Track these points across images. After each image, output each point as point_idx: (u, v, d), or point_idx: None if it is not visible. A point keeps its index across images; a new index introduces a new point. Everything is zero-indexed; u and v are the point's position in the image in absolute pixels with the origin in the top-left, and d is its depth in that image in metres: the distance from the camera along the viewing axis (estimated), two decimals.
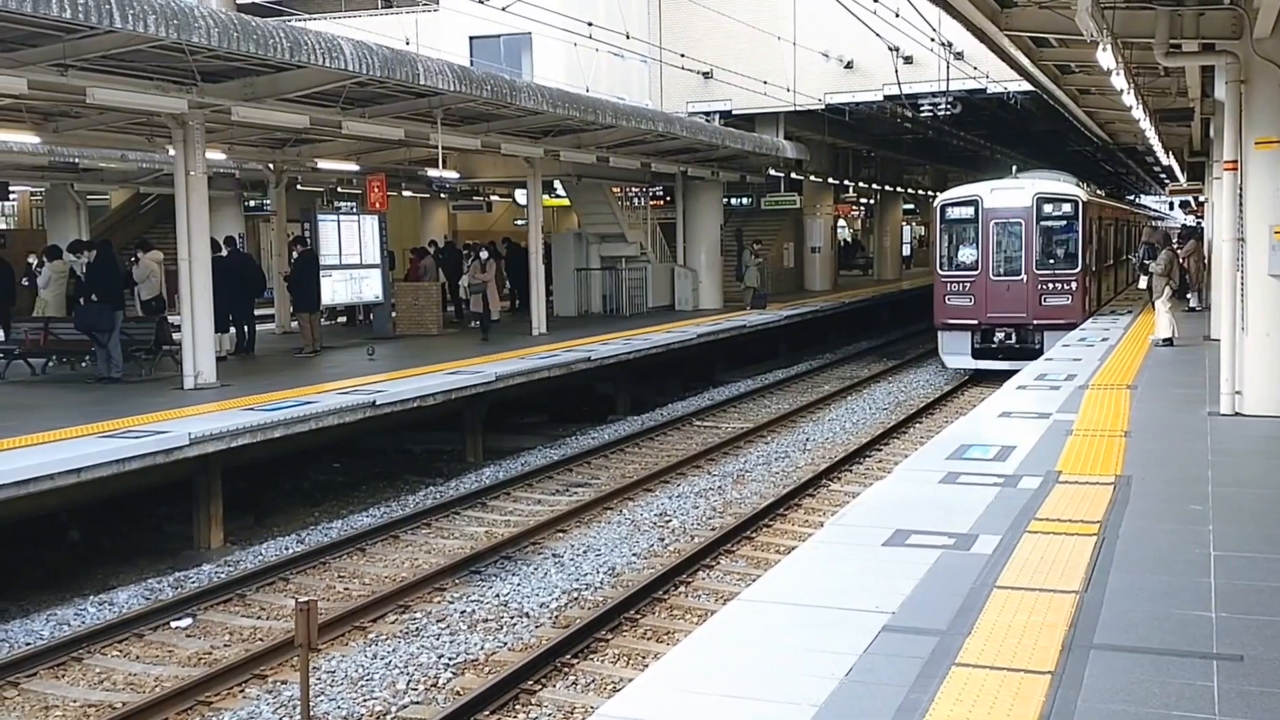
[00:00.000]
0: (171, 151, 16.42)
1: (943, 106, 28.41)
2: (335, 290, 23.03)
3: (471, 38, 32.33)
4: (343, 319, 28.61)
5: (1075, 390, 14.48)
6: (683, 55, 28.92)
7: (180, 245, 15.96)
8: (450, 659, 9.50)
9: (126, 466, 11.74)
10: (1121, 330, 21.85)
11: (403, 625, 10.40)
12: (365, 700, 8.80)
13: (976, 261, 23.33)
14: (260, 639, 10.22)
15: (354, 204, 29.57)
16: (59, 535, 13.46)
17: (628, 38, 25.65)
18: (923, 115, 30.40)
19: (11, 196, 37.34)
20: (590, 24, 22.43)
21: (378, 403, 14.96)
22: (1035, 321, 23.04)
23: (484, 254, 24.37)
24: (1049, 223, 23.19)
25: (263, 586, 11.68)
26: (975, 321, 23.42)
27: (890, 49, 27.44)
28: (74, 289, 19.94)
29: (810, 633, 6.11)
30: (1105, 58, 11.77)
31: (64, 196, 30.37)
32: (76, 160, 24.91)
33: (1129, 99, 16.21)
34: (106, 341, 16.89)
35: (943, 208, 24.09)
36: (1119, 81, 13.96)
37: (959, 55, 26.99)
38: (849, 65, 30.26)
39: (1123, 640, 5.90)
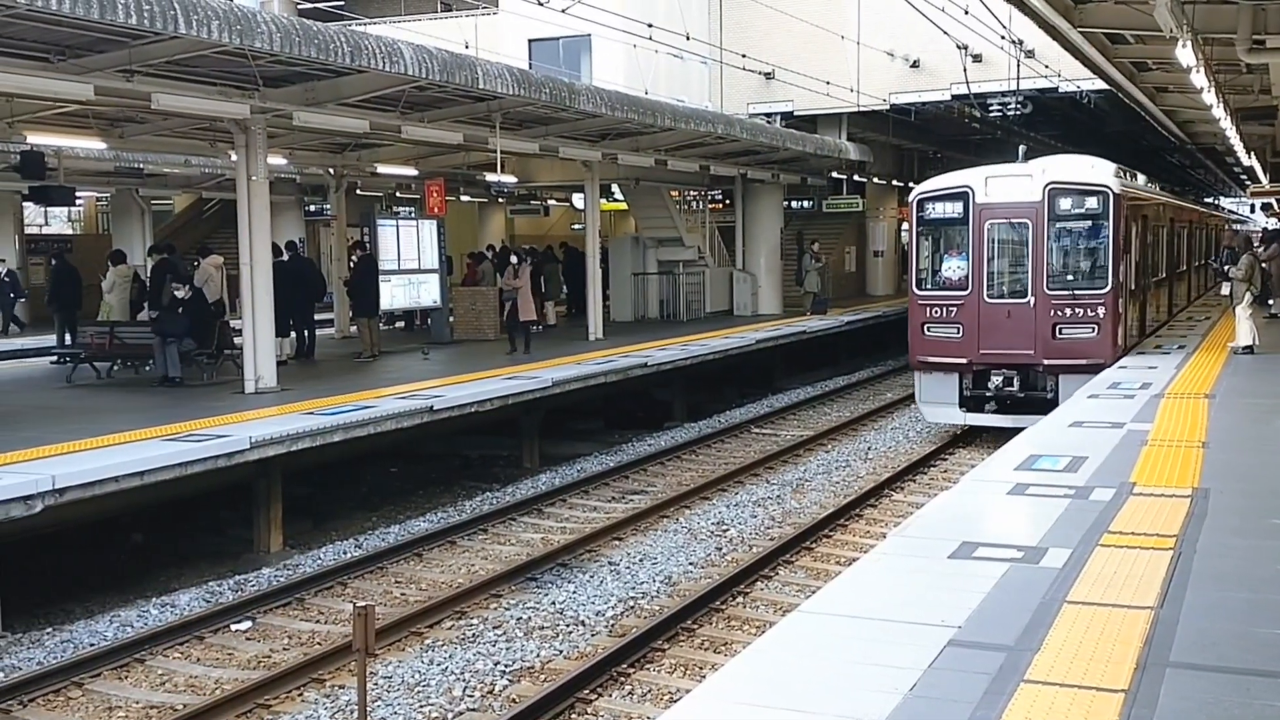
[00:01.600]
0: (233, 156, 16.55)
1: (1013, 106, 27.71)
2: (394, 295, 23.11)
3: (531, 40, 32.36)
4: (400, 324, 28.73)
5: (1151, 399, 14.03)
6: (744, 56, 28.68)
7: (241, 250, 16.06)
8: (506, 666, 9.45)
9: (188, 470, 11.81)
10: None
11: (459, 631, 10.36)
12: (422, 706, 8.77)
13: (966, 278, 17.50)
14: (318, 643, 10.23)
15: (413, 209, 29.73)
16: (123, 538, 13.59)
17: (688, 38, 25.50)
18: (992, 115, 29.88)
19: (78, 202, 37.96)
20: (650, 25, 22.30)
21: (435, 408, 14.95)
22: (1046, 362, 17.04)
23: (514, 258, 22.88)
24: (1068, 223, 17.27)
25: (321, 590, 11.70)
26: (964, 361, 17.47)
27: (958, 47, 26.97)
28: (137, 293, 20.16)
29: (872, 646, 5.96)
30: (1185, 54, 11.45)
31: (129, 202, 30.82)
32: (141, 166, 25.24)
33: (1209, 97, 15.80)
34: (179, 346, 17.06)
35: (920, 203, 18.05)
36: (1199, 79, 13.59)
37: (1030, 53, 26.35)
38: (915, 64, 29.85)
39: (1201, 659, 5.69)
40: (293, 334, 20.69)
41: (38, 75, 12.99)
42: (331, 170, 24.58)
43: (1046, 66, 26.28)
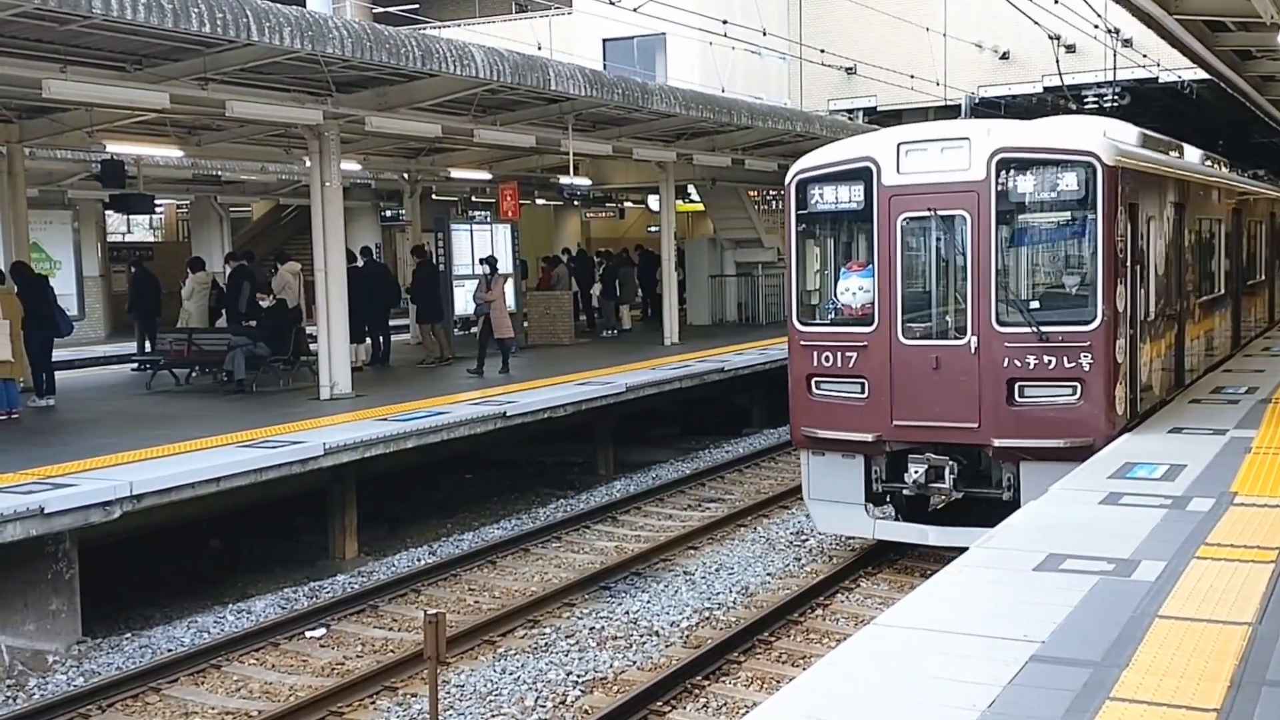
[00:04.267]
0: (308, 163, 16.65)
1: (1109, 98, 26.81)
2: (468, 300, 23.14)
3: (605, 40, 32.29)
4: (475, 329, 28.79)
5: (1257, 404, 13.29)
6: (823, 51, 28.28)
7: (316, 256, 16.14)
8: (579, 676, 9.36)
9: (263, 476, 11.85)
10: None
11: (532, 640, 10.29)
12: (493, 715, 8.74)
13: (870, 305, 11.39)
14: (391, 650, 10.24)
15: (488, 213, 29.84)
16: (201, 543, 13.71)
17: (764, 34, 25.19)
18: (1087, 108, 29.15)
19: (159, 210, 38.64)
20: (725, 22, 22.08)
21: (508, 414, 14.90)
22: (998, 441, 10.85)
23: (487, 268, 19.65)
24: (1030, 216, 11.05)
25: (395, 598, 11.70)
26: (869, 437, 11.33)
27: (1050, 37, 26.25)
28: (215, 300, 20.39)
29: (951, 661, 5.75)
30: None
31: (207, 209, 31.29)
32: (219, 173, 25.58)
33: None
34: (255, 350, 17.23)
35: (800, 186, 11.84)
36: None
37: (1127, 42, 25.53)
38: (1004, 56, 29.26)
39: None
40: (368, 340, 20.79)
41: (115, 84, 13.16)
42: (406, 175, 24.72)
43: (1145, 56, 25.38)
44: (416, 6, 34.44)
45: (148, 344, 20.65)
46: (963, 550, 7.93)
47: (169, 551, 13.17)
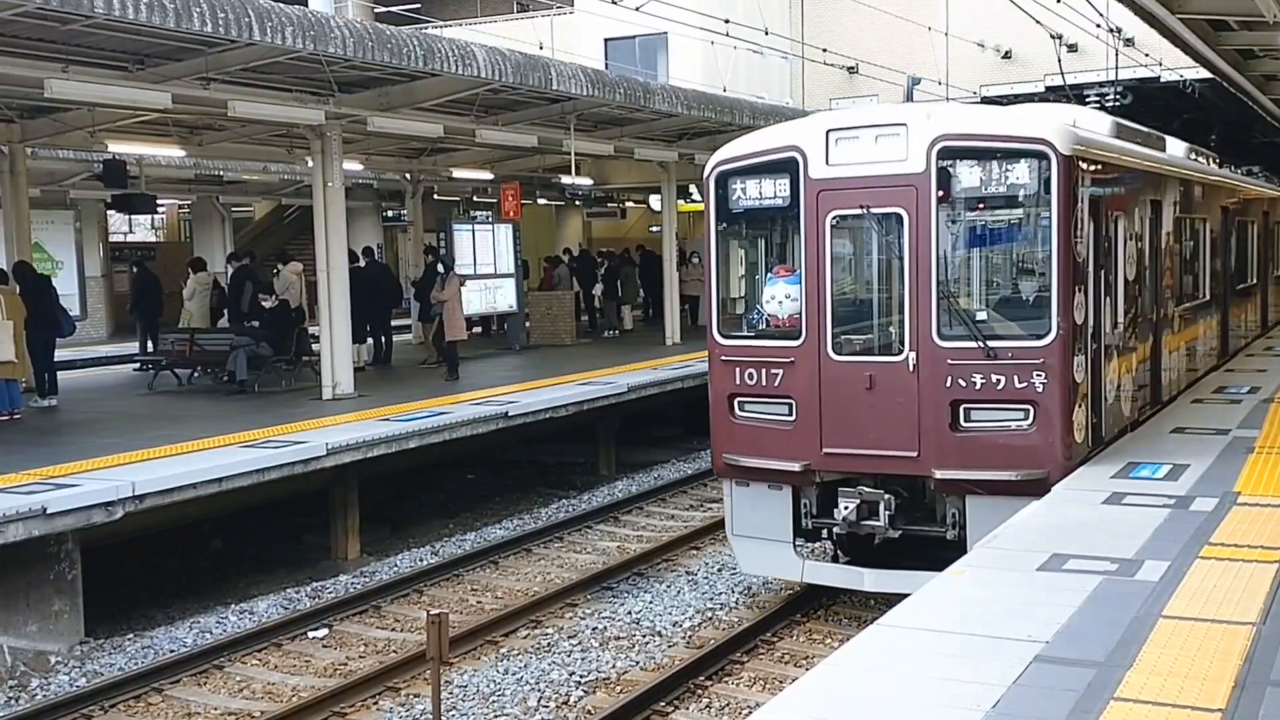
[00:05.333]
0: (310, 163, 16.64)
1: (1111, 97, 26.85)
2: (469, 300, 23.09)
3: (606, 40, 32.24)
4: (478, 329, 28.81)
5: (1259, 404, 13.28)
6: (825, 50, 28.28)
7: (318, 256, 16.12)
8: (582, 677, 9.36)
9: (265, 476, 11.84)
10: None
11: (534, 640, 10.28)
12: (496, 716, 8.73)
13: (798, 315, 10.10)
14: (394, 651, 10.24)
15: (489, 213, 29.86)
16: (203, 544, 13.70)
17: (766, 34, 25.16)
18: (1089, 107, 29.13)
19: (160, 210, 38.62)
20: (728, 21, 22.05)
21: (510, 414, 14.89)
22: (940, 474, 9.56)
23: (441, 267, 19.09)
24: (976, 214, 9.81)
25: (397, 598, 11.70)
26: (796, 467, 10.01)
27: (1052, 36, 26.26)
28: (217, 300, 20.38)
29: (955, 662, 5.75)
30: None
31: (210, 209, 31.27)
32: (221, 173, 25.57)
33: None
34: (258, 350, 17.22)
35: (720, 179, 10.55)
36: None
37: (1129, 41, 25.47)
38: (1006, 55, 29.27)
39: None
40: (370, 340, 20.77)
41: (117, 84, 13.16)
42: (408, 175, 24.71)
43: (1147, 55, 25.37)
44: (419, 6, 34.42)
45: (150, 344, 20.64)
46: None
47: (172, 552, 13.16)
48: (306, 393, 16.63)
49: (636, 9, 19.00)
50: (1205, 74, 20.74)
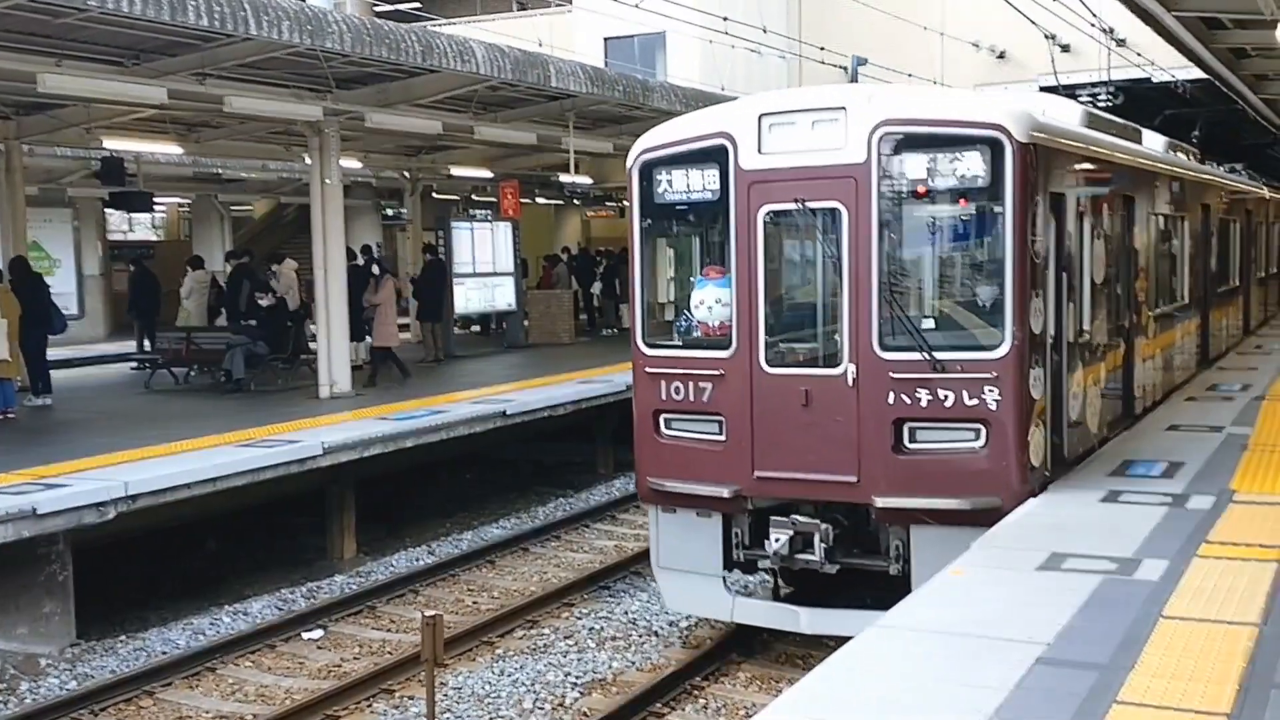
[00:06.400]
0: (308, 160, 16.57)
1: (1103, 97, 26.90)
2: (468, 298, 23.07)
3: (606, 39, 32.25)
4: (476, 327, 28.76)
5: (1251, 401, 13.26)
6: (823, 49, 28.25)
7: (315, 254, 16.06)
8: (578, 678, 9.29)
9: (260, 476, 11.76)
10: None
11: (530, 641, 10.21)
12: (491, 718, 8.63)
13: (729, 322, 9.14)
14: (389, 652, 10.17)
15: (489, 211, 29.81)
16: (199, 544, 13.61)
17: (764, 32, 25.14)
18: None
19: (161, 208, 38.56)
20: (726, 19, 21.99)
21: (508, 412, 14.81)
22: (880, 501, 8.62)
23: (376, 269, 18.02)
24: (921, 210, 8.74)
25: (393, 599, 11.64)
26: (724, 492, 9.06)
27: (1046, 37, 26.31)
28: (214, 298, 20.30)
29: (955, 664, 5.65)
30: None
31: (209, 208, 31.19)
32: (219, 171, 25.50)
33: None
34: (254, 349, 17.14)
35: (645, 170, 9.62)
36: None
37: (1121, 42, 25.62)
38: (1001, 55, 29.30)
39: None
40: (368, 338, 20.68)
41: (112, 79, 13.11)
42: (406, 173, 24.64)
43: (1139, 55, 25.45)
44: (419, 4, 34.35)
45: (147, 343, 20.58)
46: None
47: (167, 552, 13.07)
48: (304, 391, 16.55)
49: (636, 5, 18.93)
50: (1197, 75, 20.66)
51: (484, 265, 23.35)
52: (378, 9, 32.01)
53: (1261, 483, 9.26)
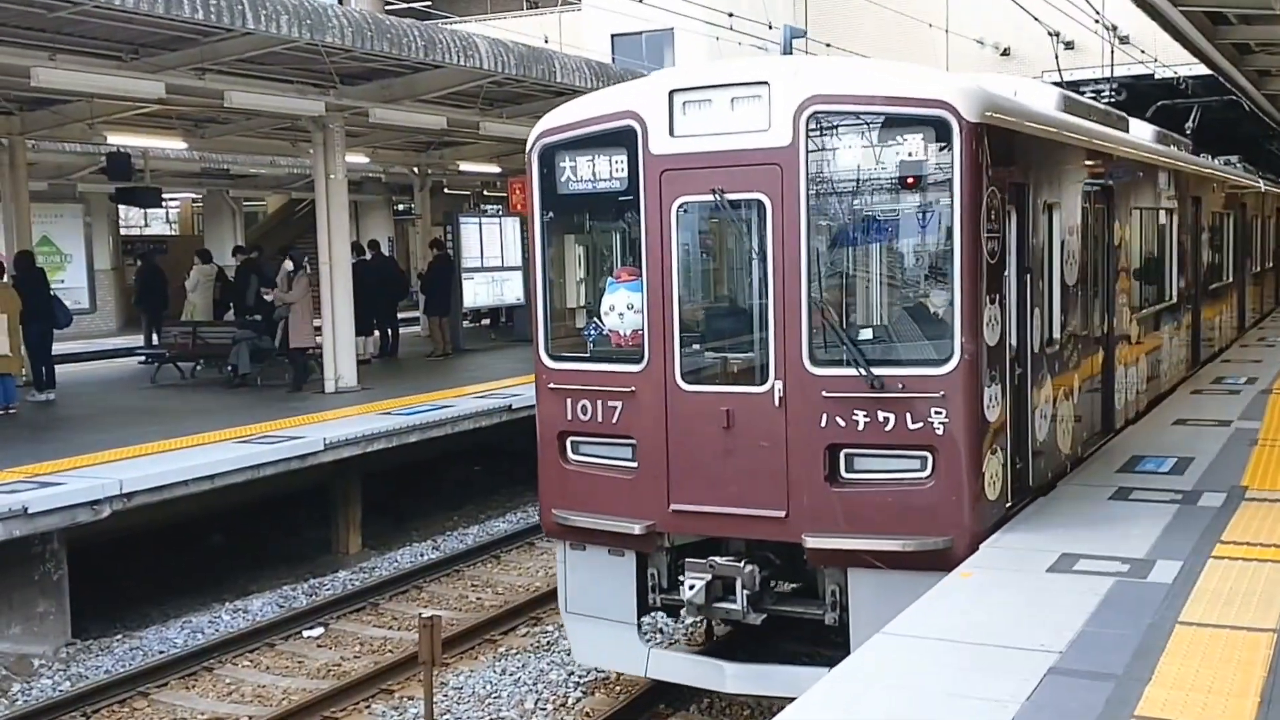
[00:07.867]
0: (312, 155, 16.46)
1: (1106, 93, 26.92)
2: (477, 293, 22.97)
3: (614, 36, 32.23)
4: (485, 321, 28.63)
5: (1258, 395, 13.09)
6: (828, 45, 28.16)
7: (320, 249, 15.93)
8: (580, 677, 9.15)
9: (261, 473, 11.64)
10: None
11: (533, 639, 10.08)
12: (492, 719, 8.50)
13: (640, 331, 7.94)
14: (390, 650, 10.05)
15: (499, 207, 29.68)
16: (202, 541, 13.49)
17: (770, 28, 25.03)
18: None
19: (174, 204, 38.49)
20: (731, 15, 21.84)
21: (514, 406, 14.66)
22: (812, 541, 7.36)
23: (289, 263, 16.61)
24: (857, 201, 7.45)
25: (396, 595, 11.53)
26: (637, 529, 7.84)
27: (1050, 34, 26.26)
28: (220, 292, 20.21)
29: (964, 675, 5.43)
30: None
31: (220, 203, 31.14)
32: (228, 167, 25.43)
33: None
34: (258, 344, 17.04)
35: (545, 155, 8.50)
36: None
37: (1124, 39, 25.56)
38: (1005, 52, 29.17)
39: None
40: (376, 333, 20.61)
41: (108, 73, 12.97)
42: (416, 169, 24.53)
43: (1142, 52, 25.40)
44: (429, 2, 34.24)
45: (155, 337, 20.52)
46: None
47: (168, 549, 12.94)
48: (309, 386, 16.41)
49: (641, 1, 18.80)
50: (1200, 71, 20.33)
51: (492, 260, 23.23)
52: (387, 8, 31.93)
53: (1273, 479, 9.07)
